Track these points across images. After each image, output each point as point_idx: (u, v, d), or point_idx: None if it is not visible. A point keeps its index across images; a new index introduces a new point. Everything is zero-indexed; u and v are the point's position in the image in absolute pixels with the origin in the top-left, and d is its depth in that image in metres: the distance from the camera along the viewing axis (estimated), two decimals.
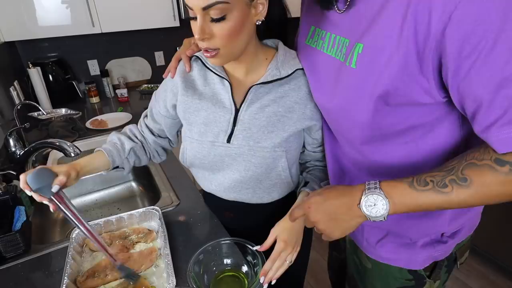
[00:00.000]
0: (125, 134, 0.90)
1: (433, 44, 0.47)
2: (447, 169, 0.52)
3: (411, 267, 0.74)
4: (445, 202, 0.52)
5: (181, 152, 0.85)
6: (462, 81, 0.47)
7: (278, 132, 0.74)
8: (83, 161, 0.79)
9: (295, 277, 1.02)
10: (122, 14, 2.02)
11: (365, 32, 0.56)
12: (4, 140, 1.20)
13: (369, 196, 0.55)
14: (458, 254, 0.77)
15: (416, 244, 0.72)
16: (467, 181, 0.49)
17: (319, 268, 1.94)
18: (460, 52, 0.45)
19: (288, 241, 0.73)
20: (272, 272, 0.71)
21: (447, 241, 0.72)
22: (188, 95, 0.78)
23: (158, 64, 2.61)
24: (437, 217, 0.68)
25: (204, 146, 0.78)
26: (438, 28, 0.46)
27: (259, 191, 0.83)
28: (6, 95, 1.55)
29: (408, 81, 0.52)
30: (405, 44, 0.49)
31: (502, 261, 1.80)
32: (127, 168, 0.89)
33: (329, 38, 0.65)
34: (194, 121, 0.79)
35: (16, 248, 0.84)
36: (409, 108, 0.57)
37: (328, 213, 0.60)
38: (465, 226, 0.73)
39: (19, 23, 1.76)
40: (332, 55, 0.65)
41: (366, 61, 0.56)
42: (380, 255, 0.76)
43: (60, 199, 0.68)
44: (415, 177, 0.54)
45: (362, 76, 0.57)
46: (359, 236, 0.80)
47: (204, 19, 0.61)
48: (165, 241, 0.79)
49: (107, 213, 1.30)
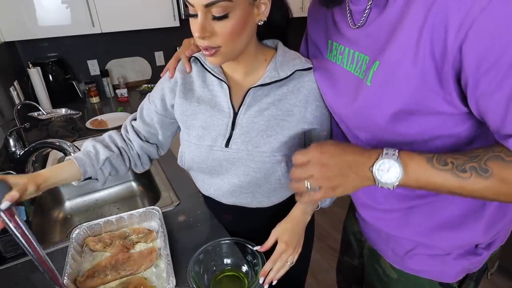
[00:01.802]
0: (101, 142, 0.81)
1: (450, 59, 0.47)
2: (471, 155, 0.50)
3: (443, 280, 0.71)
4: (459, 187, 0.50)
5: (179, 155, 0.83)
6: (482, 96, 0.47)
7: (277, 136, 0.73)
8: (49, 172, 0.72)
9: (296, 278, 1.02)
10: (122, 14, 2.02)
11: (381, 50, 0.55)
12: (4, 140, 1.20)
13: (385, 160, 0.52)
14: (489, 264, 0.74)
15: (449, 256, 0.68)
16: (488, 172, 0.48)
17: (319, 268, 1.94)
18: (478, 68, 0.45)
19: (289, 242, 0.73)
20: (273, 273, 0.70)
21: (482, 253, 0.68)
22: (186, 98, 0.77)
23: (158, 64, 2.61)
24: (471, 228, 0.65)
25: (202, 150, 0.77)
26: (455, 45, 0.45)
27: (258, 196, 0.81)
28: (6, 95, 1.55)
29: (428, 95, 0.51)
30: (421, 60, 0.49)
31: (502, 261, 1.80)
32: (101, 180, 0.81)
33: (348, 54, 0.64)
34: (191, 125, 0.77)
35: (16, 248, 0.84)
36: (434, 118, 0.55)
37: (339, 167, 0.55)
38: (500, 236, 0.70)
39: (19, 23, 1.76)
40: (351, 71, 0.63)
41: (380, 79, 0.55)
42: (409, 266, 0.72)
43: (10, 216, 0.59)
44: (436, 154, 0.52)
45: (376, 94, 0.56)
46: (382, 246, 0.77)
47: (205, 17, 0.59)
48: (165, 241, 0.79)
49: (107, 213, 1.30)
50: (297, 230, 0.76)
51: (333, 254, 2.04)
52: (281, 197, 0.85)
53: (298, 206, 0.79)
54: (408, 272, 0.73)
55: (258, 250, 0.73)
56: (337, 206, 0.88)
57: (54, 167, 0.75)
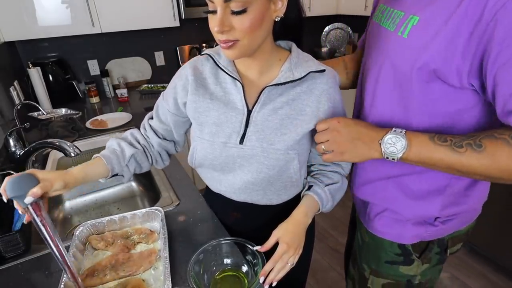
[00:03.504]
0: (125, 140, 0.85)
1: (483, 28, 0.51)
2: (469, 134, 0.58)
3: (400, 241, 0.81)
4: (456, 161, 0.57)
5: (191, 152, 0.83)
6: (501, 67, 0.51)
7: (291, 134, 0.74)
8: (78, 170, 0.74)
9: (296, 279, 1.02)
10: (122, 14, 2.02)
11: (424, 7, 0.60)
12: (4, 140, 1.20)
13: (392, 135, 0.63)
14: (450, 242, 0.81)
15: (408, 222, 0.79)
16: (481, 147, 0.55)
17: (319, 268, 1.94)
18: (504, 39, 0.49)
19: (291, 243, 0.73)
20: (273, 274, 0.71)
21: (437, 225, 0.77)
22: (199, 94, 0.77)
23: (158, 64, 2.61)
24: (430, 201, 0.74)
25: (215, 146, 0.77)
26: (491, 13, 0.49)
27: (270, 193, 0.82)
28: (6, 95, 1.55)
29: (447, 58, 0.56)
30: (455, 22, 0.54)
31: (502, 261, 1.80)
32: (127, 176, 0.84)
33: (387, 12, 0.71)
34: (204, 121, 0.77)
35: (16, 248, 0.84)
36: (439, 85, 0.61)
37: (351, 135, 0.67)
38: (459, 217, 0.78)
39: (19, 23, 1.76)
40: (386, 26, 0.70)
41: (418, 33, 0.61)
42: (377, 228, 0.84)
43: (37, 210, 0.62)
44: (438, 134, 0.61)
45: (410, 46, 0.62)
46: (362, 212, 0.88)
47: (224, 12, 0.61)
48: (165, 243, 0.79)
49: (107, 213, 1.30)
50: (298, 231, 0.76)
51: (333, 254, 2.04)
52: (290, 195, 0.86)
53: (300, 208, 0.79)
54: (376, 234, 0.84)
55: (258, 250, 0.73)
56: (337, 206, 0.88)
57: (82, 165, 0.77)
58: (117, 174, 0.82)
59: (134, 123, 1.80)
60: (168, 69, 2.64)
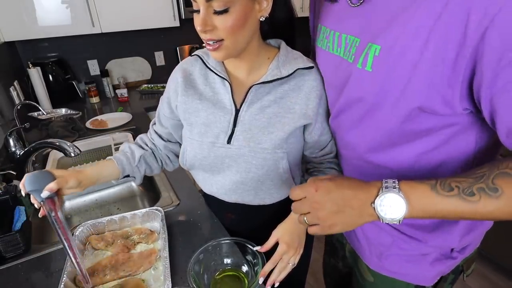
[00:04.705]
0: (135, 143, 0.90)
1: (468, 50, 0.43)
2: (475, 176, 0.47)
3: (420, 283, 0.71)
4: (469, 212, 0.46)
5: (181, 153, 0.84)
6: (498, 92, 0.43)
7: (278, 133, 0.73)
8: (91, 169, 0.78)
9: (296, 279, 1.02)
10: (122, 14, 2.02)
11: (382, 32, 0.51)
12: (4, 140, 1.20)
13: (386, 195, 0.49)
14: (465, 266, 0.74)
15: (425, 260, 0.68)
16: (498, 191, 0.45)
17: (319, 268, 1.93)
18: (500, 60, 0.41)
19: (291, 243, 0.73)
20: (275, 275, 0.70)
21: (456, 256, 0.69)
22: (188, 95, 0.77)
23: (158, 64, 2.61)
24: (449, 232, 0.64)
25: (204, 147, 0.77)
26: (478, 31, 0.41)
27: (261, 193, 0.82)
28: (6, 95, 1.55)
29: (430, 94, 0.49)
30: (432, 50, 0.45)
31: (502, 261, 1.80)
32: (138, 177, 0.88)
33: (335, 37, 0.63)
34: (194, 122, 0.78)
35: (16, 248, 0.84)
36: (425, 116, 0.53)
37: (336, 203, 0.52)
38: (475, 240, 0.71)
39: (19, 23, 1.76)
40: (340, 55, 0.62)
41: (384, 66, 0.52)
42: (384, 267, 0.72)
43: (53, 206, 0.66)
44: (439, 180, 0.49)
45: (380, 80, 0.53)
46: (361, 244, 0.76)
47: (207, 11, 0.61)
48: (165, 243, 0.79)
49: (107, 213, 1.30)
50: (298, 231, 0.76)
51: None
52: (283, 195, 0.85)
53: None
54: (384, 274, 0.72)
55: (258, 251, 0.73)
56: None
57: (96, 166, 0.81)
58: (129, 175, 0.86)
59: (134, 123, 1.80)
60: (168, 69, 2.63)
